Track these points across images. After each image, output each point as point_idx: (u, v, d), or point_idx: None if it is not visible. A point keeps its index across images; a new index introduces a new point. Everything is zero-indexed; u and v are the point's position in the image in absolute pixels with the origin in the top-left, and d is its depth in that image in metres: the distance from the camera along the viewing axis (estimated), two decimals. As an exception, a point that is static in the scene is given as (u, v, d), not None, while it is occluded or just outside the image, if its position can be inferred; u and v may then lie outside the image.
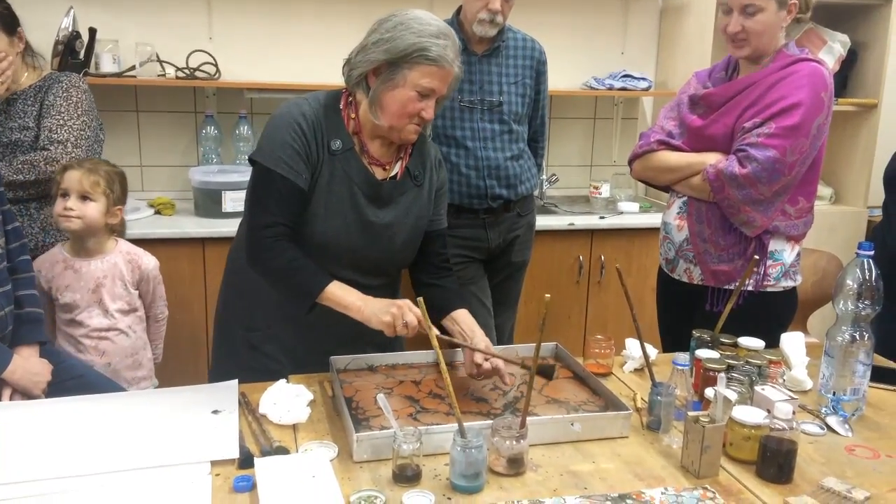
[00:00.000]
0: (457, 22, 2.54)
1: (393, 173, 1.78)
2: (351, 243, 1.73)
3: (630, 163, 2.24)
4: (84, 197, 2.04)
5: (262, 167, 1.68)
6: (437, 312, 1.67)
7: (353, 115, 1.73)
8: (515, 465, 1.33)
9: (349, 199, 1.71)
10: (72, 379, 1.86)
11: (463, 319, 1.75)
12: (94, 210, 2.05)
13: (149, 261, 2.18)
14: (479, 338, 1.69)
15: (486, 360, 1.63)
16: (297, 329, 1.78)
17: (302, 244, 1.68)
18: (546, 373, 1.67)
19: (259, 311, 1.82)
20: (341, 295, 1.63)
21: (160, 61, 3.05)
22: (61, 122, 2.22)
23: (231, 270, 1.94)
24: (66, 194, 2.05)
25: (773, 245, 2.03)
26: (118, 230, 2.18)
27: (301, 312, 1.65)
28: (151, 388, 2.18)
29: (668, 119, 2.18)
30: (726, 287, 2.05)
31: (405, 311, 1.57)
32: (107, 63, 2.97)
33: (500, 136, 2.57)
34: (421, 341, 1.62)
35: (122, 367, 2.12)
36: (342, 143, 1.70)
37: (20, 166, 2.16)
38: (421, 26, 1.63)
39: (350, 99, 1.74)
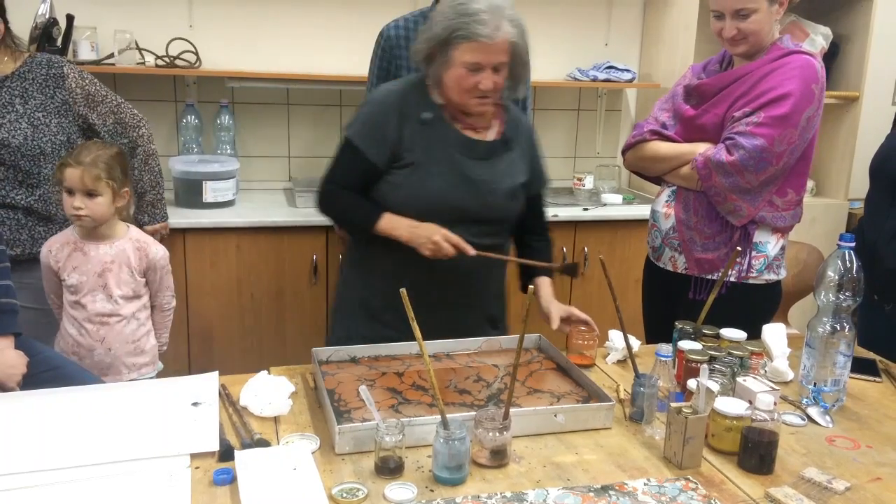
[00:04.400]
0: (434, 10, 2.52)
1: (489, 139, 1.93)
2: (456, 199, 1.86)
3: (623, 153, 2.25)
4: (89, 193, 2.04)
5: (345, 137, 1.91)
6: (526, 275, 2.02)
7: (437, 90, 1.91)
8: (498, 457, 1.33)
9: (448, 160, 1.86)
10: (48, 371, 1.83)
11: (542, 285, 1.98)
12: (100, 205, 2.05)
13: (157, 249, 2.17)
14: (556, 308, 1.91)
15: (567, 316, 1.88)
16: (414, 295, 1.82)
17: (415, 205, 1.84)
18: (570, 271, 1.97)
19: (377, 283, 1.94)
20: (391, 225, 1.84)
21: (139, 49, 3.01)
22: (113, 106, 2.38)
23: (350, 254, 2.11)
24: (71, 192, 2.04)
25: (758, 236, 2.04)
26: (127, 209, 2.17)
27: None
28: (154, 375, 2.19)
29: (663, 110, 2.18)
30: (709, 277, 2.06)
31: (441, 246, 1.77)
32: (85, 50, 2.92)
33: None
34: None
35: (122, 353, 2.11)
36: (433, 114, 1.87)
37: (153, 165, 2.46)
38: (452, 8, 1.78)
39: None
